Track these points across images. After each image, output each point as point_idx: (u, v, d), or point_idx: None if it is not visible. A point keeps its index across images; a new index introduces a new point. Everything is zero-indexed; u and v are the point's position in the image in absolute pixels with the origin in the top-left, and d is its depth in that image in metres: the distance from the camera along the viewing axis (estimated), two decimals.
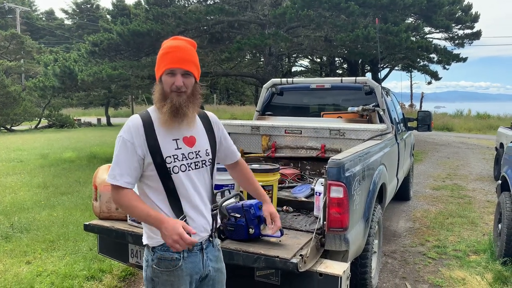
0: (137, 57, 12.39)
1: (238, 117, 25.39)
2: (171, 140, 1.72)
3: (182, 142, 1.75)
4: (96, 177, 3.04)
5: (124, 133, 1.70)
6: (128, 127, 1.70)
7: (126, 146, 1.68)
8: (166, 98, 1.69)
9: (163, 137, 1.71)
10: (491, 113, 27.42)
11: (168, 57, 1.69)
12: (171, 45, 1.72)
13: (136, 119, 1.72)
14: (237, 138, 4.56)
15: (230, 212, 2.50)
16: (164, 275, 1.73)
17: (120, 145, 1.69)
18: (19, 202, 6.34)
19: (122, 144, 1.69)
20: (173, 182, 1.71)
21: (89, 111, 35.40)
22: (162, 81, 1.71)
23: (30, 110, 22.27)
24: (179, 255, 1.73)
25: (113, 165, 1.70)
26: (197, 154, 1.78)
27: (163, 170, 1.70)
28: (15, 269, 3.87)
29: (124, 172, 1.68)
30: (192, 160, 1.76)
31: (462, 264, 4.15)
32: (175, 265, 1.73)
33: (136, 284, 3.70)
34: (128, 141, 1.68)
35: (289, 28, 12.66)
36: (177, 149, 1.73)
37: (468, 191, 7.63)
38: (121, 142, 1.69)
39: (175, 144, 1.73)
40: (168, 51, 1.70)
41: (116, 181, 1.68)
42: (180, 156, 1.73)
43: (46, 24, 47.28)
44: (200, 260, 1.79)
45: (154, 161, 1.69)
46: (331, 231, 2.57)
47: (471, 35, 18.65)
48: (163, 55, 1.71)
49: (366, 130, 4.01)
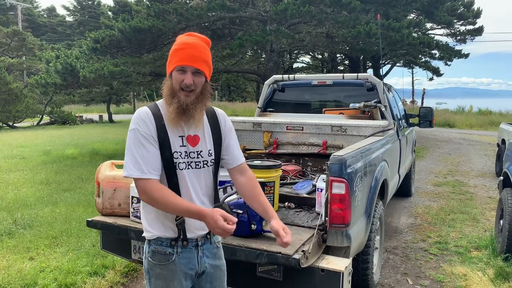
0: (139, 54, 12.40)
1: (240, 113, 25.38)
2: (177, 136, 1.71)
3: (186, 140, 1.73)
4: (98, 173, 3.05)
5: (137, 125, 1.66)
6: (140, 118, 1.67)
7: (143, 136, 1.65)
8: (174, 95, 1.67)
9: (171, 132, 1.70)
10: (493, 109, 27.35)
11: (180, 54, 1.66)
12: (184, 41, 1.70)
13: (145, 111, 1.70)
14: (239, 135, 4.57)
15: (232, 208, 2.51)
16: (158, 268, 1.75)
17: (136, 138, 1.65)
18: (22, 199, 6.37)
19: (140, 136, 1.65)
20: (177, 178, 1.71)
21: (91, 108, 35.42)
22: (172, 76, 1.68)
23: (32, 107, 22.30)
24: (173, 250, 1.74)
25: (134, 159, 1.63)
26: (199, 154, 1.76)
27: (170, 165, 1.69)
28: (19, 265, 3.89)
29: (150, 164, 1.64)
30: (193, 160, 1.74)
31: (463, 260, 4.16)
32: (167, 260, 1.74)
33: (139, 280, 3.72)
34: (144, 132, 1.65)
35: (291, 25, 12.64)
36: (182, 146, 1.72)
37: (469, 187, 7.62)
38: (138, 134, 1.65)
39: (181, 140, 1.72)
40: (181, 47, 1.67)
41: (145, 175, 1.62)
42: (184, 153, 1.72)
43: (48, 21, 47.29)
44: (195, 257, 1.79)
45: (162, 154, 1.67)
46: (333, 227, 2.58)
47: (473, 31, 18.59)
48: (176, 50, 1.68)
49: (368, 126, 4.01)
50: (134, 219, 2.87)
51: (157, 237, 1.73)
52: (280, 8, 10.90)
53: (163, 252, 1.74)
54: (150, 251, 1.76)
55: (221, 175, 3.06)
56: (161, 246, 1.73)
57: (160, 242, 1.73)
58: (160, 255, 1.74)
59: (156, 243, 1.74)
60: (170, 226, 1.73)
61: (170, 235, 1.74)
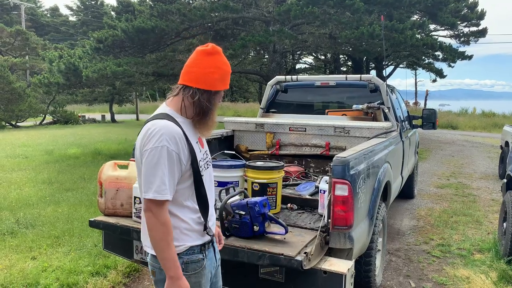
0: (142, 54, 12.41)
1: (242, 114, 25.39)
2: (196, 143, 1.74)
3: (199, 143, 1.79)
4: (101, 173, 3.04)
5: (168, 143, 1.60)
6: (173, 136, 1.61)
7: (171, 156, 1.60)
8: (207, 112, 1.72)
9: (192, 141, 1.71)
10: (496, 111, 27.25)
11: (228, 77, 1.76)
12: (227, 65, 1.76)
13: (176, 128, 1.64)
14: (242, 135, 4.57)
15: (234, 209, 2.51)
16: (193, 277, 1.72)
17: (164, 156, 1.59)
18: (24, 198, 6.38)
19: (168, 155, 1.59)
20: (203, 183, 1.74)
21: (94, 107, 35.46)
22: (219, 93, 1.74)
23: (35, 107, 22.34)
24: (203, 255, 1.76)
25: (159, 177, 1.59)
26: (206, 153, 1.85)
27: (197, 174, 1.71)
28: (21, 264, 3.90)
29: (171, 186, 1.62)
30: (206, 160, 1.82)
31: (466, 263, 4.14)
32: (201, 266, 1.75)
33: (141, 280, 3.72)
34: (174, 151, 1.61)
35: (294, 25, 12.62)
36: (200, 152, 1.76)
37: (472, 190, 7.60)
38: (167, 152, 1.59)
39: (198, 146, 1.76)
40: (229, 70, 1.76)
41: (165, 196, 1.59)
42: (201, 156, 1.77)
43: (51, 20, 47.40)
44: (213, 255, 1.86)
45: (192, 165, 1.68)
46: (335, 229, 2.57)
47: (476, 32, 18.50)
48: (228, 73, 1.75)
49: (371, 128, 4.00)
50: (136, 220, 2.87)
51: (188, 248, 1.72)
52: (283, 8, 10.89)
53: (196, 260, 1.74)
54: (183, 264, 1.70)
55: (223, 175, 3.08)
56: (194, 254, 1.73)
57: (193, 251, 1.73)
58: (194, 264, 1.73)
59: (188, 253, 1.72)
60: (199, 233, 1.75)
61: (199, 242, 1.75)
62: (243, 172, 3.19)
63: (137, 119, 29.04)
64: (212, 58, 1.70)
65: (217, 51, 1.72)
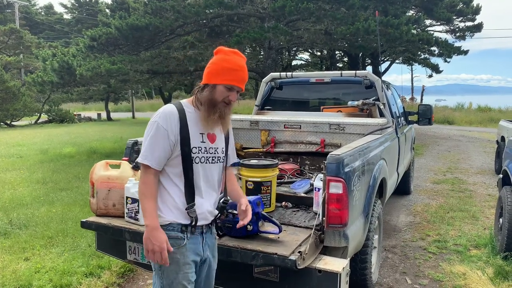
0: (136, 52, 12.31)
1: (237, 111, 25.30)
2: (198, 133, 1.92)
3: (207, 137, 1.95)
4: (93, 173, 3.00)
5: (160, 119, 1.86)
6: (165, 114, 1.87)
7: (159, 131, 1.85)
8: (215, 105, 1.88)
9: (193, 130, 1.91)
10: (492, 106, 27.34)
11: (234, 74, 1.88)
12: (238, 63, 1.90)
13: (172, 109, 1.90)
14: (236, 133, 4.52)
15: (228, 208, 2.47)
16: (171, 252, 1.86)
17: (154, 129, 1.86)
18: (18, 198, 6.33)
19: (157, 129, 1.85)
20: (192, 171, 1.91)
21: (89, 106, 35.35)
22: (216, 88, 1.87)
23: (30, 105, 22.23)
24: (184, 235, 1.91)
25: (146, 147, 1.86)
26: (216, 150, 1.99)
27: (187, 158, 1.89)
28: (14, 265, 3.86)
29: (155, 154, 1.85)
30: (211, 155, 1.97)
31: (462, 259, 4.13)
32: (179, 244, 1.89)
33: (135, 281, 3.69)
34: (162, 127, 1.85)
35: (289, 22, 12.54)
36: (202, 142, 1.93)
37: (469, 185, 7.60)
38: (156, 127, 1.86)
39: (201, 137, 1.93)
40: (235, 68, 1.88)
41: (147, 161, 1.85)
42: (203, 149, 1.93)
43: (45, 18, 47.09)
44: (200, 243, 1.97)
45: (182, 149, 1.88)
46: (330, 227, 2.54)
47: (472, 27, 18.50)
48: (229, 69, 1.87)
49: (366, 124, 3.97)
50: (129, 220, 2.83)
51: (168, 223, 1.89)
52: (278, 5, 10.82)
53: (175, 236, 1.89)
54: None
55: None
56: (173, 231, 1.89)
57: (172, 228, 1.89)
58: (173, 240, 1.88)
59: (168, 228, 1.88)
60: (183, 213, 1.91)
61: (181, 221, 1.91)
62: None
63: (133, 117, 28.94)
64: (213, 57, 1.93)
65: (219, 50, 1.94)
